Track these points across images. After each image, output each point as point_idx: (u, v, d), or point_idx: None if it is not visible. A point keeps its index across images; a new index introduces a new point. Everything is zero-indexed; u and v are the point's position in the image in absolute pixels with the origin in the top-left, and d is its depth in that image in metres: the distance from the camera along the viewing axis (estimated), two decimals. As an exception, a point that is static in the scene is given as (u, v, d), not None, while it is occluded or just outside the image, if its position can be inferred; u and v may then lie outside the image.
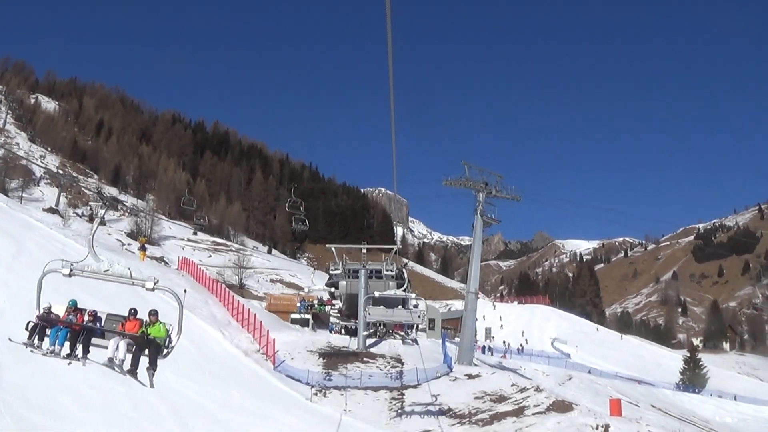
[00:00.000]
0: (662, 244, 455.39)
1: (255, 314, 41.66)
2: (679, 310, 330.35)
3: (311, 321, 49.82)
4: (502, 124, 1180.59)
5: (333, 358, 36.63)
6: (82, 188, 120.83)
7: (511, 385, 33.33)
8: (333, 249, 48.62)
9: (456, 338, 71.30)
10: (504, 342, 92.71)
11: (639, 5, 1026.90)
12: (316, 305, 52.44)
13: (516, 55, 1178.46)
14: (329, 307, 52.21)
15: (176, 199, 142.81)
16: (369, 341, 42.53)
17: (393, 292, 44.01)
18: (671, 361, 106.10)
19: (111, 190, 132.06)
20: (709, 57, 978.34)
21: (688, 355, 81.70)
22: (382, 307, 43.58)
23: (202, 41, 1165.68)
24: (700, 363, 79.22)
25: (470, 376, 34.77)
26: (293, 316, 50.45)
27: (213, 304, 46.12)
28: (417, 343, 44.06)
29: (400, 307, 43.89)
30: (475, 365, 40.39)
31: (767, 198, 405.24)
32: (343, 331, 48.05)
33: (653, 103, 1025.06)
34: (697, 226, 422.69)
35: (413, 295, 43.97)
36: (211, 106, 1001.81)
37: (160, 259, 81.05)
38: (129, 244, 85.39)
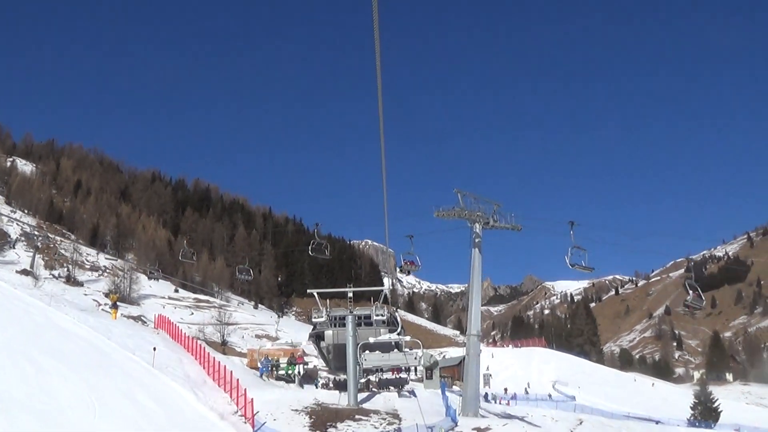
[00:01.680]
0: (653, 279, 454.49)
1: (231, 371, 37.62)
2: (675, 344, 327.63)
3: (298, 376, 45.56)
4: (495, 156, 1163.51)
5: (321, 417, 32.46)
6: (59, 249, 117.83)
7: (526, 438, 29.39)
8: (316, 294, 44.24)
9: (454, 387, 67.16)
10: (505, 390, 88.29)
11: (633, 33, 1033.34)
12: (282, 365, 46.56)
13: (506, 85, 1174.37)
14: (301, 365, 46.90)
15: (156, 257, 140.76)
16: (361, 396, 38.32)
17: (387, 336, 40.12)
18: (677, 396, 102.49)
19: (89, 251, 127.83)
20: (691, 86, 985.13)
21: (698, 388, 77.84)
22: (377, 352, 39.95)
23: (181, 99, 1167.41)
24: (712, 396, 75.42)
25: (479, 430, 30.68)
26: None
27: (188, 363, 42.20)
28: (415, 395, 40.01)
29: (395, 351, 40.14)
30: (482, 416, 36.21)
31: (755, 226, 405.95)
32: (331, 385, 44.04)
33: (635, 132, 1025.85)
34: (686, 258, 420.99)
35: (408, 338, 40.10)
36: (192, 164, 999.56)
37: (138, 318, 76.80)
38: (105, 304, 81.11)
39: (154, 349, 39.70)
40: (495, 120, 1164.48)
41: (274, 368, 45.04)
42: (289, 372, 45.34)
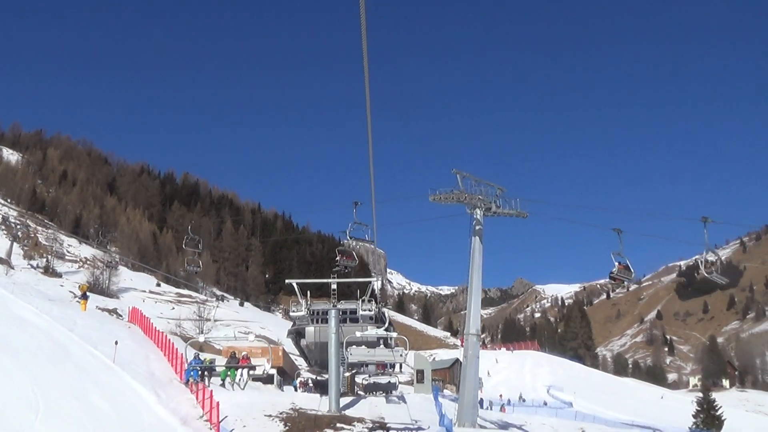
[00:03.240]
0: (644, 284, 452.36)
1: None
2: (666, 349, 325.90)
3: (277, 377, 41.17)
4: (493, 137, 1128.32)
5: (297, 424, 28.65)
6: (40, 240, 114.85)
7: (532, 453, 25.71)
8: (295, 285, 39.78)
9: (446, 390, 63.61)
10: (500, 396, 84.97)
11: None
12: (217, 367, 37.09)
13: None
14: (245, 371, 36.75)
15: (139, 249, 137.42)
16: (344, 401, 34.40)
17: (373, 332, 36.15)
18: (675, 402, 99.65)
19: (70, 241, 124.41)
20: (687, 87, 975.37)
21: (701, 395, 74.70)
22: (363, 346, 36.30)
23: (174, 93, 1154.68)
24: (715, 404, 72.12)
25: (479, 444, 26.95)
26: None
27: (155, 360, 38.35)
28: (404, 401, 36.08)
29: (381, 345, 36.41)
30: (481, 426, 32.40)
31: (748, 231, 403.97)
32: (310, 384, 40.12)
33: (627, 130, 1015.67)
34: (678, 263, 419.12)
35: (394, 334, 36.27)
36: (183, 158, 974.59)
37: (113, 311, 73.05)
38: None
39: (116, 343, 35.78)
40: (489, 101, 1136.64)
41: (205, 373, 35.42)
42: (229, 377, 36.83)
